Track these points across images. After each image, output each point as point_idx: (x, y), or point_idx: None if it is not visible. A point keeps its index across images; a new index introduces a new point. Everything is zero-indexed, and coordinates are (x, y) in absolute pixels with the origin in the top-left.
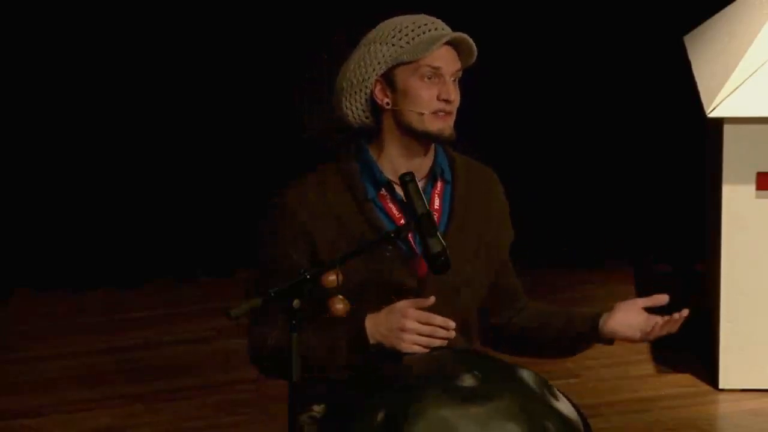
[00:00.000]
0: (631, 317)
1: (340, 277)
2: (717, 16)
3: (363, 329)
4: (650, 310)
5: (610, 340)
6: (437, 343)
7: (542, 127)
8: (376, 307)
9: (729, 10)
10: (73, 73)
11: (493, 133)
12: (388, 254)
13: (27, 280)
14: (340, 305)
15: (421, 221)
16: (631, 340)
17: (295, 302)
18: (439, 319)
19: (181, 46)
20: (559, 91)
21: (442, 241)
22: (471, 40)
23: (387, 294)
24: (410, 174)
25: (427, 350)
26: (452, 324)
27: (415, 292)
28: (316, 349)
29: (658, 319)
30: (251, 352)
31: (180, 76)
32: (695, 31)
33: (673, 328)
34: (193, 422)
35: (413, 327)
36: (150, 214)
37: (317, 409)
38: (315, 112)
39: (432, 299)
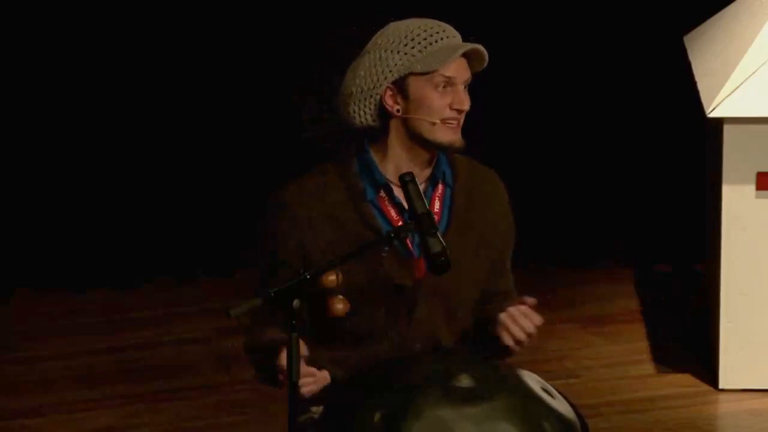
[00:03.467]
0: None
1: (340, 277)
2: (717, 16)
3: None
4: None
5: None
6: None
7: (543, 127)
8: (375, 307)
9: (729, 10)
10: (72, 73)
11: (494, 133)
12: (384, 254)
13: (27, 280)
14: (340, 305)
15: (421, 221)
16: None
17: (295, 302)
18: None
19: (181, 46)
20: (559, 92)
21: (442, 241)
22: (484, 50)
23: (386, 294)
24: (410, 174)
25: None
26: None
27: (413, 293)
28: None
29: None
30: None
31: (180, 76)
32: (695, 31)
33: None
34: (193, 422)
35: None
36: (150, 214)
37: (315, 410)
38: (315, 112)
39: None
